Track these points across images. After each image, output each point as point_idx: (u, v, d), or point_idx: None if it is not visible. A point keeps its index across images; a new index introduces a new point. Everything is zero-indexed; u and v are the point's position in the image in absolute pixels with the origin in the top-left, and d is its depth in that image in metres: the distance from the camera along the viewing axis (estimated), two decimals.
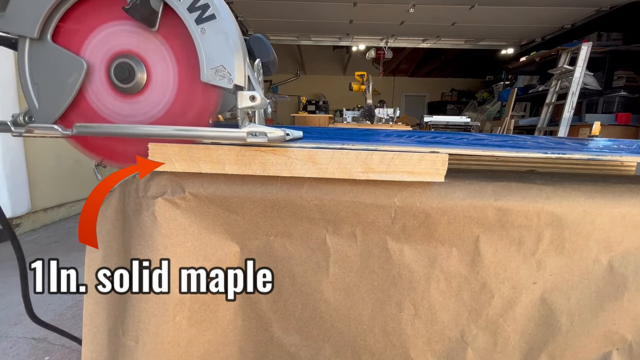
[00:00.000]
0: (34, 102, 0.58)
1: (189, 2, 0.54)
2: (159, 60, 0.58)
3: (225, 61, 0.55)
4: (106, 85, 0.59)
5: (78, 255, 2.03)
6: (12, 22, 0.55)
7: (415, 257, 0.59)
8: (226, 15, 0.55)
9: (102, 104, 0.60)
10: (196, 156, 0.56)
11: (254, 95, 0.56)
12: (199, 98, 0.59)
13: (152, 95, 0.59)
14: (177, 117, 0.59)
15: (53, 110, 0.59)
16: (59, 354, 1.23)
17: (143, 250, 0.58)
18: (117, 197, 0.63)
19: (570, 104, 4.04)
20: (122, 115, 0.60)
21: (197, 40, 0.55)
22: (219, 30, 0.54)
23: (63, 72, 0.58)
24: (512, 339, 0.59)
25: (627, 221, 0.56)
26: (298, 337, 0.62)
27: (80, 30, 0.58)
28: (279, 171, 0.56)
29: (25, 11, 0.55)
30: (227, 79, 0.55)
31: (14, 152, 2.25)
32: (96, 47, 0.58)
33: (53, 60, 0.57)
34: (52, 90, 0.58)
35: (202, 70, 0.55)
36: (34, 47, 0.57)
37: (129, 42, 0.58)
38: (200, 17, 0.54)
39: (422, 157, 0.55)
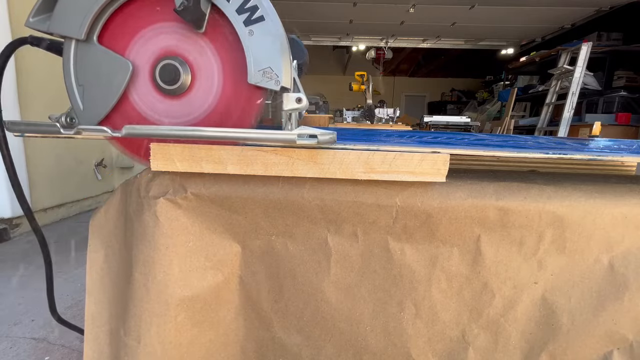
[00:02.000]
0: (78, 104, 0.58)
1: (238, 4, 0.54)
2: (204, 62, 0.58)
3: (272, 63, 0.55)
4: (150, 87, 0.59)
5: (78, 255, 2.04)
6: (60, 23, 0.55)
7: (416, 257, 0.59)
8: (274, 16, 0.55)
9: (145, 105, 0.60)
10: (198, 156, 0.56)
11: (300, 97, 0.56)
12: (243, 100, 0.59)
13: (196, 97, 0.59)
14: (221, 119, 0.59)
15: (98, 112, 0.59)
16: (59, 354, 1.24)
17: (145, 250, 0.58)
18: (119, 197, 0.63)
19: (570, 104, 4.04)
20: (165, 117, 0.60)
21: (245, 42, 0.55)
22: (267, 32, 0.54)
23: (108, 74, 0.58)
24: (513, 338, 0.59)
25: (628, 221, 0.56)
26: (299, 337, 0.62)
27: (126, 32, 0.58)
28: (280, 171, 0.56)
29: (73, 12, 0.55)
30: (275, 81, 0.55)
31: (14, 152, 2.25)
32: (141, 48, 0.58)
33: (99, 61, 0.57)
34: (97, 92, 0.58)
35: (250, 72, 0.55)
36: (80, 48, 0.57)
37: (174, 43, 0.58)
38: (249, 19, 0.54)
39: (424, 158, 0.55)
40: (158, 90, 0.59)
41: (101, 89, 0.58)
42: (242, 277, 0.62)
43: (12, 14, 2.24)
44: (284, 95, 0.56)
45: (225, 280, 0.61)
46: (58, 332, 1.35)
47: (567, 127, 4.08)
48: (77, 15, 0.55)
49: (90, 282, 0.65)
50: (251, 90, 0.58)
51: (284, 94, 0.56)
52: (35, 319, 1.43)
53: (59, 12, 0.55)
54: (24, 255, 2.07)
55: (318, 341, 0.62)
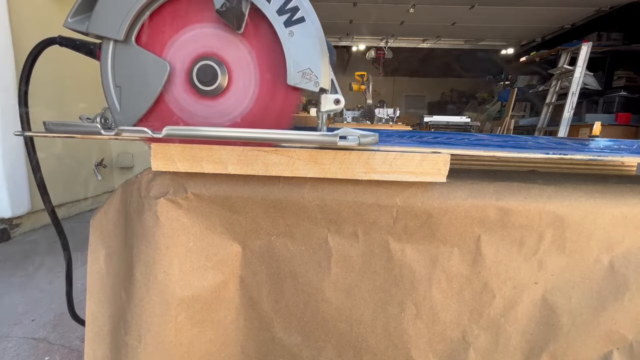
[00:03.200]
0: (115, 105, 0.58)
1: (278, 5, 0.54)
2: (241, 63, 0.58)
3: (312, 64, 0.55)
4: (186, 87, 0.59)
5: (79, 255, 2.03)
6: (99, 24, 0.55)
7: (416, 257, 0.59)
8: (314, 18, 0.54)
9: (181, 105, 0.60)
10: (199, 156, 0.56)
11: (339, 99, 0.56)
12: (280, 101, 0.59)
13: (233, 97, 0.59)
14: (257, 120, 0.59)
15: (135, 113, 0.59)
16: (59, 354, 1.24)
17: (145, 250, 0.58)
18: (119, 197, 0.63)
19: (570, 104, 4.05)
20: (200, 118, 0.60)
21: (285, 43, 0.54)
22: (307, 33, 0.54)
23: (146, 74, 0.58)
24: (513, 339, 0.59)
25: (628, 221, 0.56)
26: (300, 337, 0.62)
27: (164, 32, 0.58)
28: (281, 171, 0.56)
29: (112, 13, 0.55)
30: (314, 82, 0.55)
31: (14, 152, 2.25)
32: (178, 48, 0.58)
33: (136, 62, 0.57)
34: (135, 93, 0.58)
35: (289, 73, 0.55)
36: (118, 49, 0.57)
37: (212, 44, 0.58)
38: (290, 20, 0.54)
39: (424, 158, 0.55)
40: (194, 91, 0.59)
41: (138, 90, 0.58)
42: (242, 277, 0.62)
43: (12, 14, 2.24)
44: (322, 97, 0.56)
45: (225, 280, 0.61)
46: (58, 332, 1.35)
47: (567, 127, 4.09)
48: (117, 16, 0.55)
49: (91, 281, 0.65)
50: (288, 91, 0.58)
51: (321, 95, 0.56)
52: (35, 319, 1.43)
53: (98, 13, 0.55)
54: (24, 255, 2.07)
55: (318, 341, 0.62)
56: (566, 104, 4.04)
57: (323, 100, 0.56)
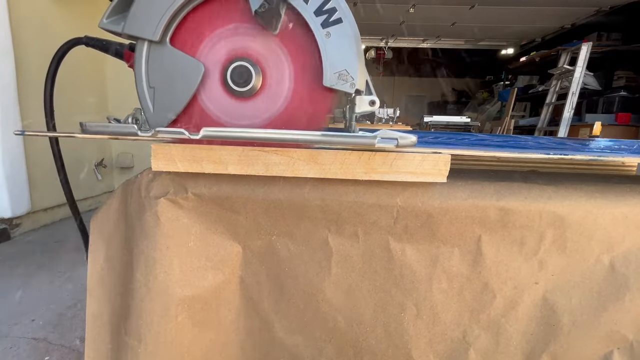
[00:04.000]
0: (148, 106, 0.58)
1: (316, 6, 0.53)
2: (275, 64, 0.58)
3: (349, 65, 0.55)
4: (220, 88, 0.59)
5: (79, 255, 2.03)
6: (135, 24, 0.55)
7: (417, 257, 0.59)
8: (351, 19, 0.54)
9: (214, 106, 0.59)
10: (199, 156, 0.56)
11: (374, 100, 0.56)
12: (314, 102, 0.58)
13: (266, 99, 0.59)
14: (290, 121, 0.59)
15: (168, 114, 0.58)
16: (59, 354, 1.24)
17: (146, 250, 0.58)
18: (120, 197, 0.63)
19: (570, 104, 4.05)
20: (233, 118, 0.59)
21: (321, 44, 0.54)
22: (344, 34, 0.54)
23: (180, 75, 0.57)
24: (514, 339, 0.59)
25: (628, 221, 0.56)
26: (300, 337, 0.62)
27: (198, 33, 0.58)
28: (281, 171, 0.56)
29: (149, 14, 0.55)
30: (350, 84, 0.55)
31: (14, 152, 2.25)
32: (212, 49, 0.58)
33: (171, 63, 0.57)
34: (169, 94, 0.58)
35: (325, 75, 0.55)
36: (153, 50, 0.57)
37: (246, 45, 0.58)
38: (327, 21, 0.54)
39: (425, 158, 0.55)
40: (228, 92, 0.58)
41: (172, 91, 0.58)
42: (242, 277, 0.62)
43: (12, 14, 2.24)
44: (357, 98, 0.56)
45: (225, 280, 0.61)
46: (58, 332, 1.35)
47: (567, 127, 4.09)
48: (153, 17, 0.55)
49: (91, 282, 0.64)
50: (322, 92, 0.57)
51: (356, 96, 0.56)
52: (35, 319, 1.43)
53: (134, 14, 0.55)
54: (24, 255, 2.07)
55: (319, 342, 0.62)
56: (566, 104, 4.04)
57: (358, 101, 0.56)
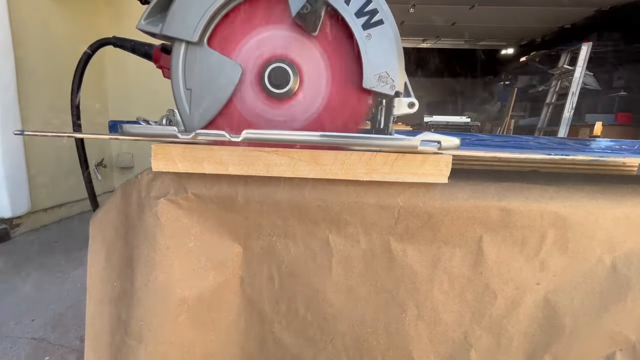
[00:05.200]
0: (185, 107, 0.58)
1: (357, 7, 0.53)
2: (313, 65, 0.57)
3: (389, 67, 0.54)
4: (256, 90, 0.58)
5: (79, 255, 2.04)
6: (173, 25, 0.55)
7: (418, 258, 0.59)
8: (392, 20, 0.54)
9: (250, 108, 0.59)
10: (199, 157, 0.56)
11: (413, 102, 0.56)
12: (352, 104, 0.58)
13: (303, 100, 0.58)
14: (326, 123, 0.58)
15: (204, 115, 0.58)
16: (59, 354, 1.24)
17: (146, 251, 0.58)
18: (120, 197, 0.63)
19: (570, 104, 4.05)
20: (269, 120, 0.59)
21: (362, 46, 0.54)
22: (385, 35, 0.54)
23: (218, 77, 0.57)
24: (515, 340, 0.59)
25: (630, 221, 0.56)
26: (301, 338, 0.62)
27: (236, 34, 0.57)
28: (282, 172, 0.56)
29: (188, 15, 0.55)
30: (390, 85, 0.55)
31: (14, 152, 2.25)
32: (250, 51, 0.57)
33: (209, 64, 0.57)
34: (206, 95, 0.57)
35: (365, 76, 0.55)
36: (190, 51, 0.56)
37: (284, 46, 0.57)
38: (368, 23, 0.53)
39: (426, 158, 0.55)
40: (264, 94, 0.58)
41: (210, 93, 0.57)
42: (243, 277, 0.62)
43: (12, 14, 2.23)
44: (396, 100, 0.56)
45: (226, 280, 0.61)
46: (58, 332, 1.35)
47: (567, 127, 4.09)
48: (192, 18, 0.55)
49: (91, 282, 0.64)
50: (360, 94, 0.57)
51: (395, 98, 0.55)
52: (35, 318, 1.43)
53: (173, 15, 0.55)
54: (24, 255, 2.07)
55: (319, 342, 0.62)
56: (566, 104, 4.05)
57: (397, 103, 0.56)
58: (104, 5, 3.15)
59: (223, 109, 0.58)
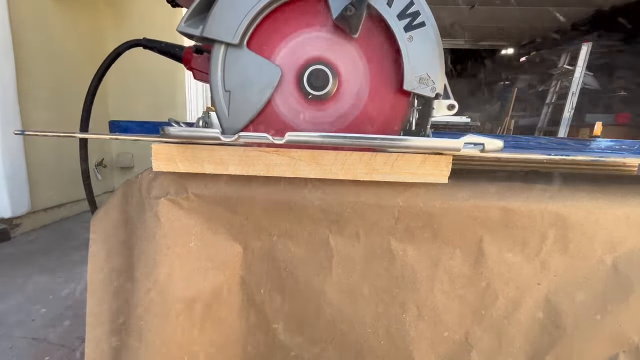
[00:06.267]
0: (223, 109, 0.57)
1: (399, 9, 0.53)
2: (352, 67, 0.57)
3: (430, 69, 0.54)
4: (294, 92, 0.58)
5: (79, 255, 2.03)
6: (215, 27, 0.55)
7: (418, 258, 0.58)
8: (434, 22, 0.54)
9: (288, 110, 0.59)
10: (200, 157, 0.56)
11: (453, 104, 0.56)
12: (390, 106, 0.58)
13: (341, 102, 0.58)
14: (364, 126, 0.58)
15: (242, 117, 0.58)
16: (59, 354, 1.23)
17: (146, 250, 0.58)
18: (120, 197, 0.63)
19: (570, 104, 4.05)
20: (307, 122, 0.59)
21: (403, 48, 0.54)
22: (427, 37, 0.54)
23: (257, 79, 0.57)
24: (516, 340, 0.59)
25: (630, 221, 0.56)
26: (301, 338, 0.62)
27: (275, 36, 0.57)
28: (282, 172, 0.56)
29: (229, 17, 0.55)
30: (430, 88, 0.55)
31: (14, 152, 2.25)
32: (289, 53, 0.57)
33: (248, 66, 0.57)
34: (245, 97, 0.57)
35: (406, 79, 0.55)
36: (230, 53, 0.56)
37: (323, 48, 0.57)
38: (410, 24, 0.53)
39: (426, 159, 0.55)
40: (303, 96, 0.58)
41: (249, 95, 0.57)
42: (243, 277, 0.62)
43: (12, 14, 2.23)
44: (436, 102, 0.56)
45: (226, 280, 0.61)
46: (58, 332, 1.35)
47: (567, 127, 4.09)
48: (234, 20, 0.55)
49: (92, 282, 0.64)
50: (399, 96, 0.57)
51: (434, 100, 0.55)
52: (35, 319, 1.43)
53: (214, 17, 0.55)
54: (24, 255, 2.07)
55: (320, 343, 0.62)
56: (566, 104, 4.05)
57: (436, 105, 0.56)
58: (104, 5, 3.14)
59: (261, 111, 0.58)
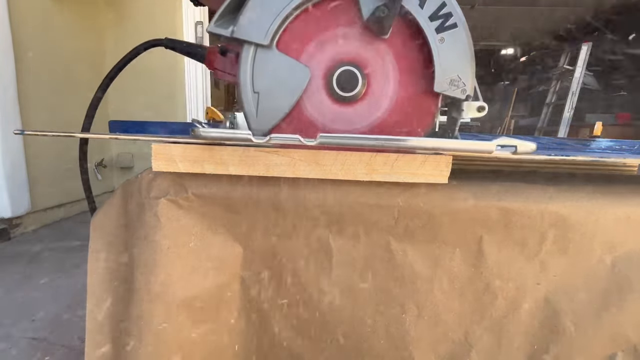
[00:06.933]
0: (252, 110, 0.57)
1: (431, 11, 0.53)
2: (382, 68, 0.57)
3: (461, 71, 0.54)
4: (322, 93, 0.58)
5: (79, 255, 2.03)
6: (246, 28, 0.55)
7: (418, 258, 0.58)
8: (465, 23, 0.54)
9: (316, 111, 0.59)
10: (200, 157, 0.56)
11: (483, 106, 0.56)
12: (419, 107, 0.58)
13: (370, 103, 0.58)
14: (392, 127, 0.58)
15: (271, 119, 0.58)
16: (59, 354, 1.23)
17: (146, 251, 0.58)
18: (120, 197, 0.63)
19: (570, 104, 4.05)
20: (334, 124, 0.59)
21: (434, 50, 0.54)
22: (459, 39, 0.53)
23: (286, 80, 0.57)
24: (516, 340, 0.59)
25: (630, 221, 0.56)
26: (301, 338, 0.62)
27: (305, 37, 0.57)
28: (282, 172, 0.56)
29: (260, 18, 0.54)
30: (461, 90, 0.54)
31: (14, 152, 2.25)
32: (318, 54, 0.57)
33: (277, 67, 0.56)
34: (274, 99, 0.57)
35: (437, 80, 0.54)
36: (260, 54, 0.56)
37: (353, 49, 0.57)
38: (442, 26, 0.53)
39: (426, 159, 0.55)
40: (331, 97, 0.58)
41: (277, 96, 0.57)
42: (243, 278, 0.62)
43: (12, 14, 2.23)
44: (465, 104, 0.56)
45: (226, 281, 0.61)
46: (58, 332, 1.34)
47: (567, 127, 4.09)
48: (265, 21, 0.54)
49: (91, 282, 0.64)
50: (428, 97, 0.57)
51: (464, 102, 0.55)
52: (35, 319, 1.43)
53: (245, 18, 0.54)
54: (24, 255, 2.07)
55: (320, 343, 0.62)
56: (566, 104, 4.05)
57: (466, 107, 0.56)
58: (105, 5, 3.14)
59: (290, 112, 0.58)
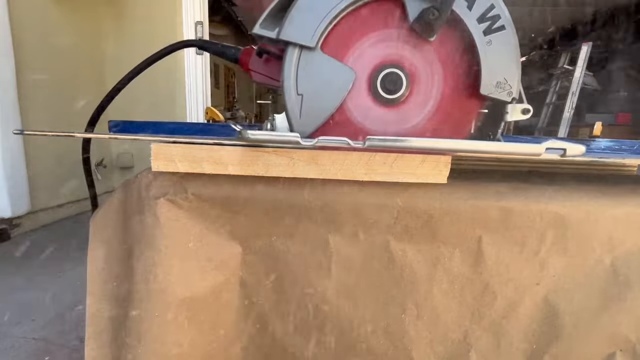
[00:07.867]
0: (296, 112, 0.57)
1: (479, 13, 0.52)
2: (427, 70, 0.57)
3: (508, 74, 0.54)
4: (366, 95, 0.58)
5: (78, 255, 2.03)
6: (292, 30, 0.55)
7: (417, 258, 0.59)
8: (512, 26, 0.53)
9: (360, 113, 0.58)
10: (199, 157, 0.56)
11: (528, 109, 0.55)
12: (463, 109, 0.58)
13: (415, 105, 0.58)
14: (437, 129, 0.58)
15: (314, 121, 0.57)
16: (59, 354, 1.23)
17: (145, 251, 0.58)
18: (119, 197, 0.63)
19: (570, 104, 4.04)
20: (377, 126, 0.59)
21: (482, 52, 0.53)
22: (506, 41, 0.53)
23: (331, 82, 0.56)
24: (515, 340, 0.59)
25: (630, 221, 0.56)
26: (300, 338, 0.62)
27: (349, 39, 0.57)
28: (281, 172, 0.56)
29: (307, 20, 0.54)
30: (507, 92, 0.54)
31: (14, 152, 2.25)
32: (363, 56, 0.57)
33: (322, 69, 0.56)
34: (318, 100, 0.57)
35: (483, 83, 0.54)
36: (304, 56, 0.56)
37: (398, 51, 0.56)
38: (489, 28, 0.53)
39: (425, 159, 0.55)
40: (375, 99, 0.58)
41: (322, 98, 0.57)
42: (242, 277, 0.62)
43: (12, 14, 2.23)
44: (510, 106, 0.55)
45: (225, 280, 0.61)
46: (58, 332, 1.35)
47: (567, 127, 4.08)
48: (312, 22, 0.54)
49: (91, 282, 0.64)
50: (472, 100, 0.57)
51: (509, 105, 0.55)
52: (35, 319, 1.43)
53: (292, 20, 0.54)
54: (24, 255, 2.07)
55: (319, 342, 0.62)
56: (566, 104, 4.04)
57: (511, 110, 0.56)
58: (104, 5, 3.14)
59: (333, 114, 0.58)
